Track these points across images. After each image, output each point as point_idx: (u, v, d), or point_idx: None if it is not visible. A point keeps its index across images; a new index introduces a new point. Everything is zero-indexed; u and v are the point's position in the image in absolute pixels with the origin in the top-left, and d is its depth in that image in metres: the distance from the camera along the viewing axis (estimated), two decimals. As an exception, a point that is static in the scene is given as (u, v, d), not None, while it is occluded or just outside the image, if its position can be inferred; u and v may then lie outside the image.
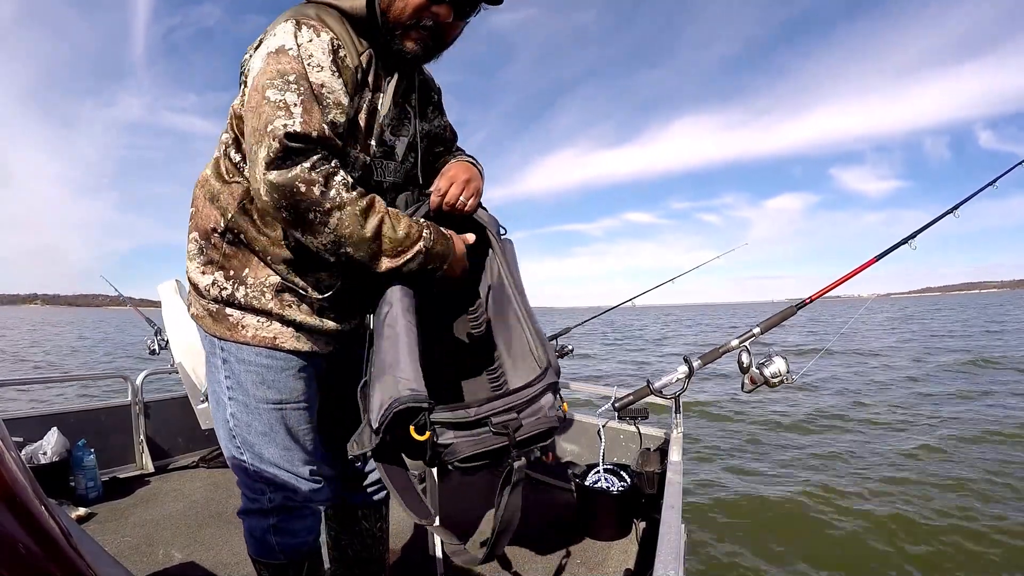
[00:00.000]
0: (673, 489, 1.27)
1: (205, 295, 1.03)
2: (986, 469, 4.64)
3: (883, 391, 8.43)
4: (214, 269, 1.02)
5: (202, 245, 1.03)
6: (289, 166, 0.84)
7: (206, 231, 1.02)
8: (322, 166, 0.87)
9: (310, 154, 0.86)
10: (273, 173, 0.84)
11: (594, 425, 2.37)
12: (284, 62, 0.88)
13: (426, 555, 1.84)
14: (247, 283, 1.00)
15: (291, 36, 0.89)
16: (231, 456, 1.10)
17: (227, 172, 1.01)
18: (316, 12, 0.93)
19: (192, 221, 1.06)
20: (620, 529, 2.02)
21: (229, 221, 0.99)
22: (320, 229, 0.87)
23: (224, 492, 2.46)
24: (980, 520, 3.70)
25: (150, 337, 3.33)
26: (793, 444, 5.64)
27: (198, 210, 1.04)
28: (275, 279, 1.00)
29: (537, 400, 0.98)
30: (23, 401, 7.60)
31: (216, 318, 1.03)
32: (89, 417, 2.62)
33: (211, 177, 1.03)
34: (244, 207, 0.99)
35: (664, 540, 0.96)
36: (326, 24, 0.92)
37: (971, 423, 6.16)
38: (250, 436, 1.06)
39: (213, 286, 1.02)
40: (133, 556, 1.85)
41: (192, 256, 1.05)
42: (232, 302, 1.01)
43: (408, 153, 1.10)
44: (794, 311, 1.91)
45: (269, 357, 1.03)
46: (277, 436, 1.06)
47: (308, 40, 0.89)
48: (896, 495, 4.22)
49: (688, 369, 1.82)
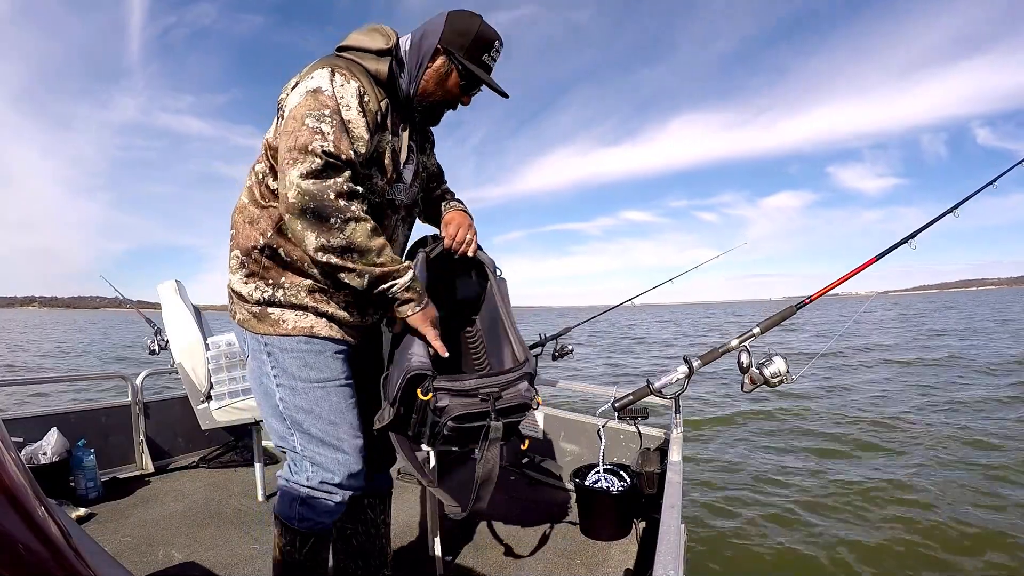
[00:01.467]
0: (673, 489, 1.27)
1: (248, 300, 1.20)
2: (994, 475, 4.64)
3: (885, 392, 8.43)
4: (255, 279, 1.19)
5: (243, 260, 1.20)
6: (325, 178, 1.03)
7: (247, 249, 1.19)
8: (351, 184, 1.07)
9: (343, 171, 1.06)
10: (309, 181, 1.02)
11: (594, 425, 2.37)
12: (322, 99, 1.07)
13: (426, 555, 1.84)
14: (284, 287, 1.18)
15: (327, 80, 1.09)
16: (282, 438, 1.24)
17: (263, 198, 1.19)
18: (347, 64, 1.13)
19: (233, 241, 1.23)
20: (620, 529, 2.02)
21: (268, 240, 1.17)
22: (336, 233, 1.04)
23: (224, 492, 2.46)
24: (981, 525, 3.70)
25: (150, 337, 3.34)
26: (794, 444, 5.64)
27: (238, 232, 1.22)
28: (308, 282, 1.18)
29: (515, 384, 1.23)
30: (20, 401, 7.59)
31: (260, 318, 1.19)
32: (89, 417, 2.62)
33: (248, 204, 1.21)
34: (280, 228, 1.16)
35: (664, 540, 0.96)
36: (355, 75, 1.12)
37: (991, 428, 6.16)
38: (297, 415, 1.20)
39: (256, 291, 1.19)
40: (133, 556, 1.85)
41: (235, 270, 1.22)
42: (273, 302, 1.19)
43: (414, 180, 1.33)
44: (794, 311, 1.91)
45: (308, 343, 1.19)
46: (322, 412, 1.20)
47: (340, 85, 1.09)
48: (896, 495, 4.22)
49: (688, 369, 1.82)
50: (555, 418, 2.64)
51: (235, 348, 2.26)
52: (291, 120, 1.06)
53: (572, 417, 2.59)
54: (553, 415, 2.65)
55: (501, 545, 1.98)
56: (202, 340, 2.26)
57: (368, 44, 1.18)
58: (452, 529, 2.11)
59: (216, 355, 2.23)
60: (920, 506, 4.00)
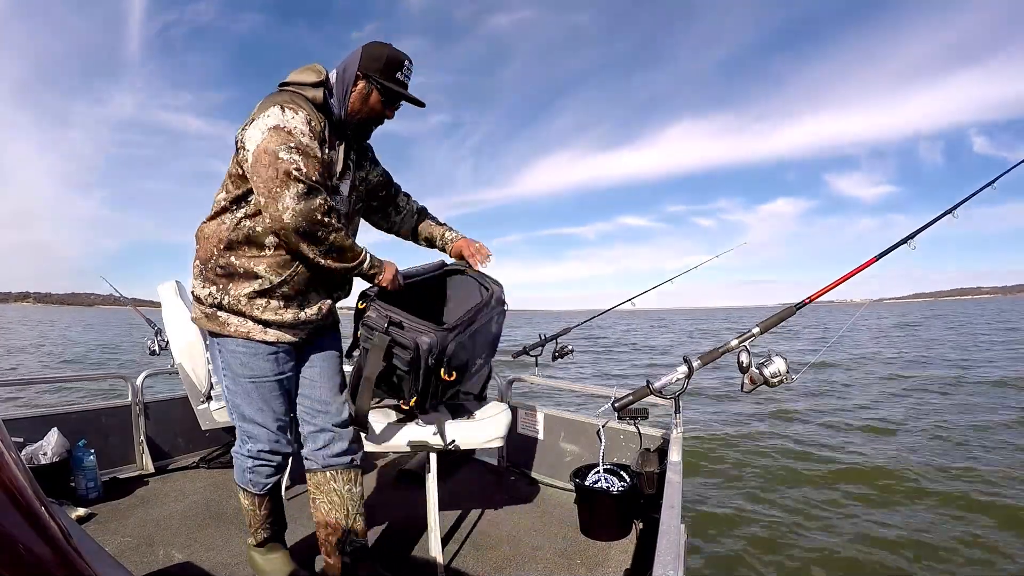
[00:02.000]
0: (673, 489, 1.27)
1: (204, 303, 1.47)
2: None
3: (890, 392, 8.43)
4: (210, 285, 1.46)
5: (202, 268, 1.47)
6: (310, 199, 1.32)
7: (204, 259, 1.46)
8: (327, 202, 1.36)
9: (320, 192, 1.35)
10: (301, 204, 1.30)
11: (594, 425, 2.37)
12: (283, 133, 1.32)
13: (426, 555, 1.84)
14: (230, 293, 1.44)
15: (280, 116, 1.33)
16: (230, 415, 1.57)
17: (218, 219, 1.45)
18: (291, 98, 1.38)
19: (197, 253, 1.49)
20: (620, 529, 2.03)
21: (220, 253, 1.43)
22: (322, 241, 1.36)
23: (224, 492, 2.46)
24: (979, 524, 3.70)
25: (150, 338, 3.33)
26: (794, 445, 5.64)
27: (200, 245, 1.48)
28: (248, 290, 1.43)
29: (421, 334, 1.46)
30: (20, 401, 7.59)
31: (210, 319, 1.47)
32: (89, 417, 2.62)
33: (209, 222, 1.47)
34: (230, 242, 1.42)
35: (663, 540, 0.96)
36: (300, 105, 1.37)
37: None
38: (236, 400, 1.52)
39: (209, 296, 1.46)
40: (133, 556, 1.85)
41: (195, 276, 1.49)
42: (221, 307, 1.45)
43: (351, 192, 1.58)
44: (793, 311, 1.91)
45: (244, 346, 1.46)
46: (253, 401, 1.51)
47: (291, 118, 1.34)
48: (897, 496, 4.23)
49: (688, 369, 1.81)
50: (555, 418, 2.64)
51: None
52: (263, 154, 1.31)
53: (572, 417, 2.59)
54: (553, 415, 2.65)
55: (501, 545, 1.98)
56: (202, 341, 2.26)
57: (304, 79, 1.45)
58: (452, 529, 2.11)
59: (216, 355, 2.23)
60: (925, 508, 4.00)
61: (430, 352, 1.43)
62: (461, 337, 1.49)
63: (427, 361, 1.44)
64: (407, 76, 1.51)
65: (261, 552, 1.71)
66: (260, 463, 1.56)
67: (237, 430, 1.58)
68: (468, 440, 1.79)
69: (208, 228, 1.47)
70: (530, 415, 2.71)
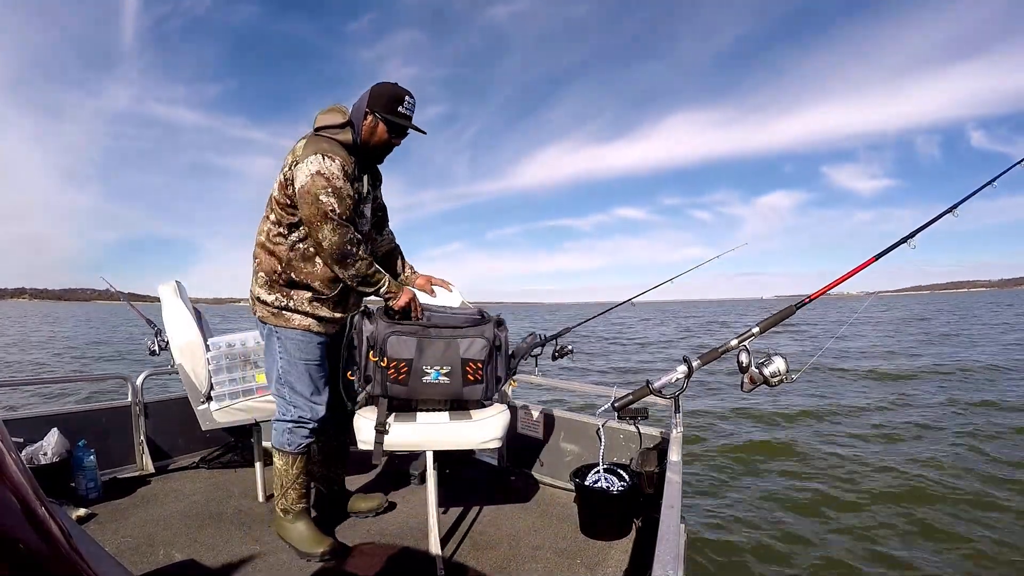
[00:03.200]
0: (672, 489, 1.27)
1: (270, 305, 1.88)
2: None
3: (890, 392, 8.43)
4: (276, 291, 1.87)
5: (268, 278, 1.87)
6: (343, 233, 1.71)
7: (270, 272, 1.86)
8: (356, 237, 1.76)
9: (350, 228, 1.74)
10: (335, 237, 1.70)
11: (593, 425, 2.37)
12: (322, 179, 1.69)
13: (426, 555, 1.84)
14: (293, 299, 1.87)
15: (320, 163, 1.69)
16: (278, 391, 1.94)
17: (275, 238, 1.84)
18: (329, 146, 1.73)
19: (258, 265, 1.89)
20: (620, 529, 2.03)
21: (283, 268, 1.84)
22: (350, 265, 1.75)
23: (224, 492, 2.46)
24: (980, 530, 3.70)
25: (150, 338, 3.33)
26: (794, 444, 5.64)
27: (262, 260, 1.87)
28: (308, 295, 1.87)
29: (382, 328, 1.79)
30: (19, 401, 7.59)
31: (276, 316, 1.88)
32: (89, 418, 2.62)
33: (266, 243, 1.86)
34: (290, 260, 1.83)
35: (663, 540, 0.97)
36: (336, 152, 1.73)
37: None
38: (289, 377, 1.91)
39: (276, 300, 1.87)
40: (133, 556, 1.85)
41: (261, 284, 1.89)
42: (286, 308, 1.87)
43: (373, 215, 1.99)
44: (793, 310, 1.91)
45: (304, 336, 1.89)
46: (304, 378, 1.91)
47: (329, 165, 1.70)
48: (896, 497, 4.23)
49: (687, 369, 1.82)
50: (555, 418, 2.64)
51: (235, 349, 2.26)
52: (307, 195, 1.69)
53: (572, 417, 2.59)
54: (553, 415, 2.65)
55: (501, 545, 1.98)
56: (202, 341, 2.26)
57: (333, 121, 1.79)
58: (452, 529, 2.11)
59: (216, 356, 2.23)
60: (926, 509, 4.00)
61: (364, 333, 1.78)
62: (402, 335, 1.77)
63: (361, 340, 1.78)
64: (409, 109, 1.82)
65: (288, 519, 1.96)
66: (298, 425, 1.91)
67: (281, 403, 1.93)
68: (466, 440, 1.80)
69: (265, 251, 1.86)
70: (530, 415, 2.71)
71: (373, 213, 2.01)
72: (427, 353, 1.76)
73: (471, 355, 1.78)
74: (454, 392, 1.80)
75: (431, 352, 1.77)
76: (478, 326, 1.83)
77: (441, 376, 1.77)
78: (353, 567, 1.84)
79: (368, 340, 1.77)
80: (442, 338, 1.78)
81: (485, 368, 1.79)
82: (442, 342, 1.78)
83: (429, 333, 1.78)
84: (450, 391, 1.80)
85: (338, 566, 1.84)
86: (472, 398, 1.84)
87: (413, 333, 1.77)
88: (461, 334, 1.79)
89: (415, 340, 1.76)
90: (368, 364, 1.78)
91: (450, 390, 1.79)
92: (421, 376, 1.76)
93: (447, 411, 1.90)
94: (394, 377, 1.75)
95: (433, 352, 1.77)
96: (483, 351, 1.78)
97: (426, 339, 1.77)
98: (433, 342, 1.77)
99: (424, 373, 1.76)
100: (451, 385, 1.78)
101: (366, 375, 1.79)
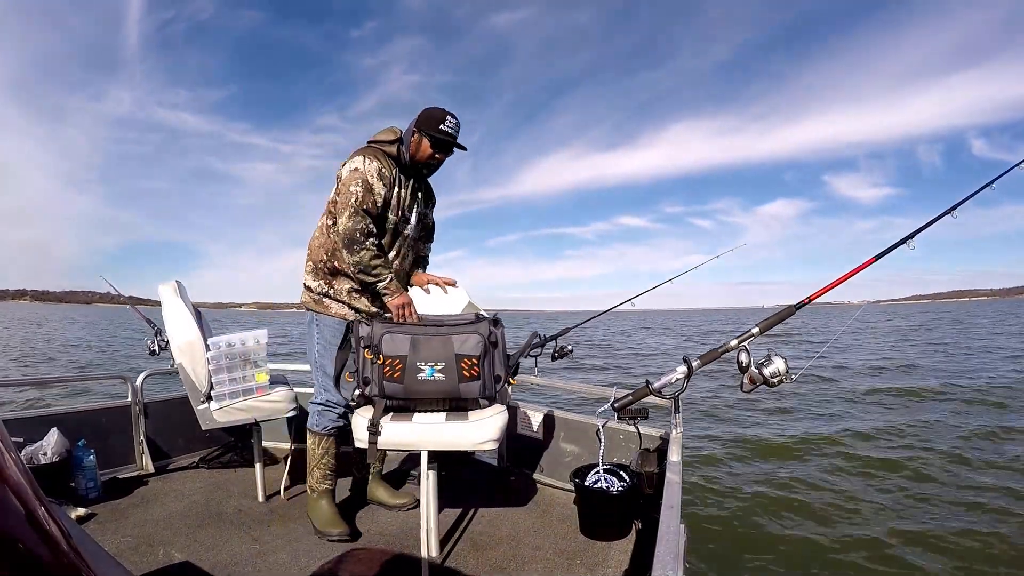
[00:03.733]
0: (672, 489, 1.27)
1: (314, 291, 2.11)
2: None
3: (889, 391, 8.43)
4: (320, 279, 2.10)
5: (315, 266, 2.10)
6: (357, 221, 1.91)
7: (317, 261, 2.10)
8: (370, 226, 1.95)
9: (366, 219, 1.94)
10: (351, 222, 1.91)
11: (593, 425, 2.37)
12: (356, 174, 1.94)
13: (426, 555, 1.84)
14: (334, 287, 2.10)
15: (360, 162, 1.96)
16: (313, 374, 2.14)
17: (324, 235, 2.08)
18: (372, 152, 2.01)
19: (308, 254, 2.13)
20: (619, 529, 2.03)
21: (328, 258, 2.07)
22: (355, 251, 1.93)
23: (224, 492, 2.46)
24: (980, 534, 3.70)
25: (150, 338, 3.33)
26: (794, 444, 5.64)
27: (312, 250, 2.11)
28: (348, 285, 2.09)
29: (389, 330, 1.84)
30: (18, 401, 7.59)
31: (317, 303, 2.12)
32: (89, 417, 2.62)
33: (319, 235, 2.10)
34: (335, 252, 2.05)
35: (663, 540, 0.97)
36: (376, 157, 1.99)
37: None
38: (323, 361, 2.12)
39: (318, 287, 2.10)
40: (133, 556, 1.85)
41: (309, 272, 2.13)
42: (327, 295, 2.10)
43: (419, 221, 2.17)
44: (793, 311, 1.91)
45: (338, 323, 2.11)
46: (334, 362, 2.12)
47: (366, 165, 1.96)
48: (896, 496, 4.23)
49: (687, 369, 1.81)
50: (555, 418, 2.64)
51: (235, 349, 2.26)
52: (342, 185, 1.95)
53: (572, 417, 2.59)
54: (553, 415, 2.65)
55: (501, 545, 1.98)
56: (202, 341, 2.26)
57: (384, 138, 2.06)
58: (452, 529, 2.11)
59: (216, 355, 2.23)
60: (926, 511, 4.00)
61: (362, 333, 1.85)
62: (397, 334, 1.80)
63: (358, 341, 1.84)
64: (450, 127, 2.01)
65: (312, 496, 2.13)
66: (327, 408, 2.11)
67: (317, 385, 2.14)
68: (462, 441, 1.79)
69: (317, 241, 2.10)
70: (530, 415, 2.71)
71: (423, 226, 2.24)
72: (421, 349, 1.78)
73: (465, 351, 1.78)
74: (450, 389, 1.79)
75: (425, 348, 1.78)
76: (473, 324, 1.85)
77: (436, 373, 1.77)
78: (353, 567, 1.84)
79: (364, 340, 1.80)
80: (436, 335, 1.80)
81: (481, 364, 1.79)
82: (436, 339, 1.80)
83: (423, 330, 1.81)
84: (446, 388, 1.79)
85: (338, 566, 1.84)
86: (470, 395, 1.82)
87: (407, 331, 1.80)
88: (455, 331, 1.81)
89: (409, 337, 1.79)
90: (366, 365, 1.80)
91: (446, 387, 1.79)
92: (416, 373, 1.76)
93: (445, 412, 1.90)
94: (389, 375, 1.76)
95: (427, 348, 1.78)
96: (478, 346, 1.78)
97: (420, 336, 1.80)
98: (427, 339, 1.79)
99: (419, 370, 1.76)
100: (447, 382, 1.78)
101: (364, 376, 1.81)
